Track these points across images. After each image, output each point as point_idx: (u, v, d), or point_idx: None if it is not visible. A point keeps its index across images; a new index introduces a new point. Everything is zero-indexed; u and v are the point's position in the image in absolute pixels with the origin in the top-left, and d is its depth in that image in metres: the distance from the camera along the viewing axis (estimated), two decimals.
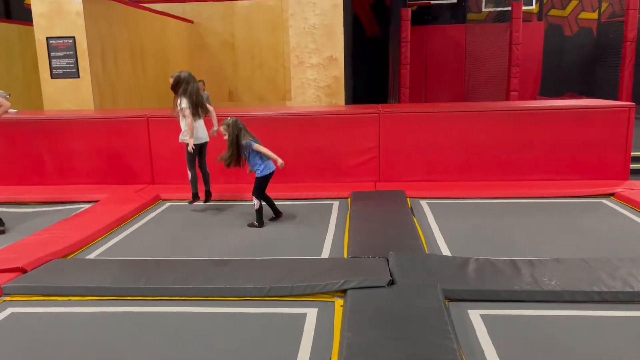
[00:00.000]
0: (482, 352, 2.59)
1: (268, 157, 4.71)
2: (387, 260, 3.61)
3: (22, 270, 3.59)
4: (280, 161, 4.64)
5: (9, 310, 3.19)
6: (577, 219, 4.76)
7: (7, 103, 4.72)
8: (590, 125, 5.85)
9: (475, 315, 2.95)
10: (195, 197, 5.32)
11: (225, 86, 13.75)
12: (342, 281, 3.23)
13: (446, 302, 3.06)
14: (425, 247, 4.00)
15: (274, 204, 4.92)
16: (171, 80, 5.13)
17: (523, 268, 3.40)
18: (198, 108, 5.11)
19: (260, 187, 4.74)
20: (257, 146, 4.66)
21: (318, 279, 3.30)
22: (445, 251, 4.01)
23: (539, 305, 3.03)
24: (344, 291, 3.22)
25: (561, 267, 3.40)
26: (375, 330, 2.68)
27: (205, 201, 5.36)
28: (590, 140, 5.87)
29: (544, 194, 5.50)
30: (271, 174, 4.74)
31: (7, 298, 3.34)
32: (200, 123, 5.23)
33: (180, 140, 5.22)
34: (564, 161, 5.92)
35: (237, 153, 4.63)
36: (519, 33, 9.75)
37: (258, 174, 4.70)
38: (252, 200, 4.77)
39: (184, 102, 5.02)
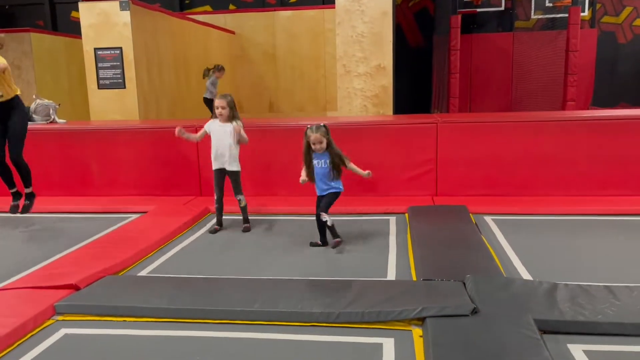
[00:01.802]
0: None
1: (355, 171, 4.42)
2: (464, 283, 3.29)
3: (75, 287, 3.42)
4: (364, 172, 4.37)
5: (63, 331, 3.00)
6: None
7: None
8: None
9: (578, 350, 2.59)
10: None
11: (266, 97, 13.66)
12: (420, 308, 2.92)
13: (540, 334, 2.71)
14: (502, 269, 3.65)
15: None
16: (225, 102, 4.72)
17: (621, 295, 3.03)
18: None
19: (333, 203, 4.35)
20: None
21: (391, 305, 3.00)
22: (525, 274, 3.65)
23: None
24: (421, 319, 2.91)
25: None
26: None
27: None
28: None
29: (620, 210, 5.06)
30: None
31: (60, 317, 3.15)
32: None
33: (231, 169, 4.82)
34: None
35: (341, 161, 4.30)
36: (577, 40, 9.28)
37: (340, 187, 4.37)
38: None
39: (241, 124, 4.78)
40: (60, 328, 3.03)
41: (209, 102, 9.29)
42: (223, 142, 4.77)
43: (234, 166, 4.82)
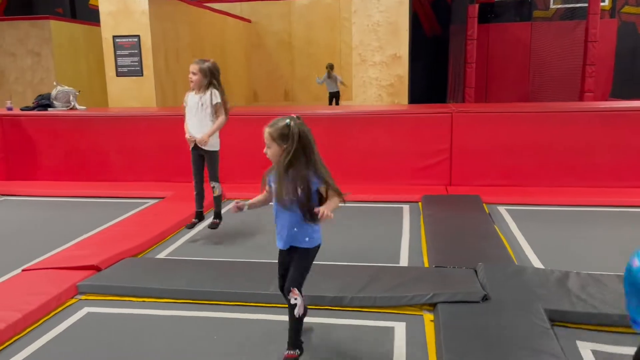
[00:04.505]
0: None
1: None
2: (475, 271, 3.34)
3: (97, 269, 3.53)
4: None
5: (85, 309, 3.11)
6: None
7: None
8: None
9: (586, 350, 2.56)
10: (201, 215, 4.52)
11: (281, 85, 13.70)
12: (432, 294, 2.98)
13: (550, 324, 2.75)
14: (514, 258, 3.69)
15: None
16: (197, 68, 4.14)
17: None
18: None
19: (308, 272, 2.50)
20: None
21: (403, 290, 3.06)
22: (536, 263, 3.69)
23: None
24: (433, 304, 2.97)
25: None
26: (477, 352, 2.42)
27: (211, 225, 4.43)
28: None
29: (636, 202, 5.05)
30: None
31: (83, 297, 3.27)
32: None
33: (206, 147, 4.21)
34: None
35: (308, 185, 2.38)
36: (596, 30, 9.16)
37: (312, 242, 2.47)
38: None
39: (218, 96, 4.17)
40: (83, 307, 3.15)
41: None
42: (196, 115, 4.20)
43: (208, 145, 4.21)
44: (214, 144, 4.27)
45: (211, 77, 4.15)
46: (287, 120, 2.34)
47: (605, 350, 2.57)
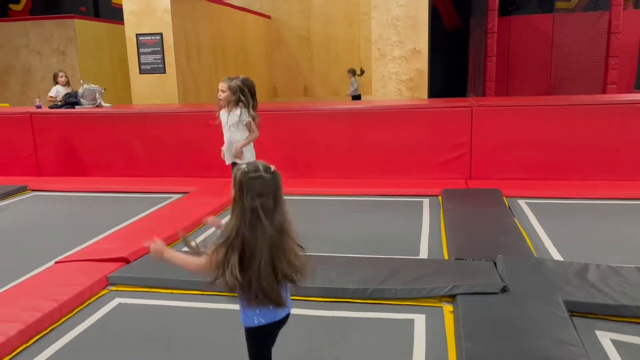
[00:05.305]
0: None
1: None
2: (495, 263, 3.38)
3: (126, 261, 3.67)
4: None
5: (117, 300, 3.25)
6: None
7: None
8: None
9: (605, 339, 2.60)
10: None
11: (301, 81, 13.78)
12: (451, 286, 3.04)
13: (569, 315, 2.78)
14: (533, 251, 3.71)
15: None
16: (226, 85, 4.25)
17: None
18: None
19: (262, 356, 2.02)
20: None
21: (423, 282, 3.12)
22: (556, 255, 3.71)
23: None
24: (452, 296, 3.03)
25: None
26: (496, 341, 2.48)
27: None
28: None
29: None
30: (279, 323, 1.99)
31: (114, 288, 3.41)
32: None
33: (240, 162, 4.08)
34: None
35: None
36: (619, 21, 9.02)
37: (246, 319, 1.95)
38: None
39: (246, 114, 4.25)
40: (114, 297, 3.28)
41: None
42: (227, 133, 4.31)
43: (244, 158, 4.30)
44: (248, 158, 4.31)
45: (240, 94, 4.19)
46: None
47: (625, 340, 2.60)
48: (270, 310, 1.90)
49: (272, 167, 1.83)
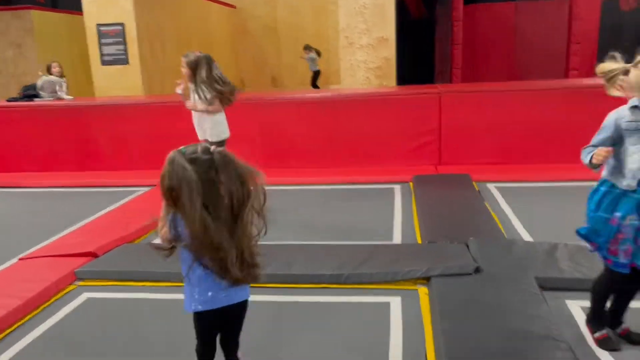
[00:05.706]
0: (593, 352, 2.37)
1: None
2: (467, 245, 3.41)
3: (94, 255, 3.56)
4: None
5: (85, 295, 3.15)
6: None
7: None
8: None
9: (575, 307, 2.71)
10: None
11: (268, 72, 13.64)
12: (426, 268, 3.05)
13: (540, 291, 2.84)
14: (504, 232, 3.77)
15: None
16: (186, 60, 4.09)
17: None
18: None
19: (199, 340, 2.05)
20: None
21: (398, 266, 3.13)
22: (526, 237, 3.78)
23: None
24: (427, 279, 3.05)
25: None
26: (472, 320, 2.51)
27: None
28: None
29: None
30: (220, 312, 1.94)
31: (82, 283, 3.30)
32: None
33: (210, 139, 4.12)
34: None
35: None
36: (580, 8, 9.23)
37: (188, 307, 1.95)
38: None
39: (205, 89, 4.07)
40: (82, 292, 3.18)
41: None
42: (195, 114, 4.24)
43: (211, 135, 4.18)
44: (217, 134, 4.21)
45: (197, 69, 4.05)
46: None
47: None
48: (209, 297, 1.90)
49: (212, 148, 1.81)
